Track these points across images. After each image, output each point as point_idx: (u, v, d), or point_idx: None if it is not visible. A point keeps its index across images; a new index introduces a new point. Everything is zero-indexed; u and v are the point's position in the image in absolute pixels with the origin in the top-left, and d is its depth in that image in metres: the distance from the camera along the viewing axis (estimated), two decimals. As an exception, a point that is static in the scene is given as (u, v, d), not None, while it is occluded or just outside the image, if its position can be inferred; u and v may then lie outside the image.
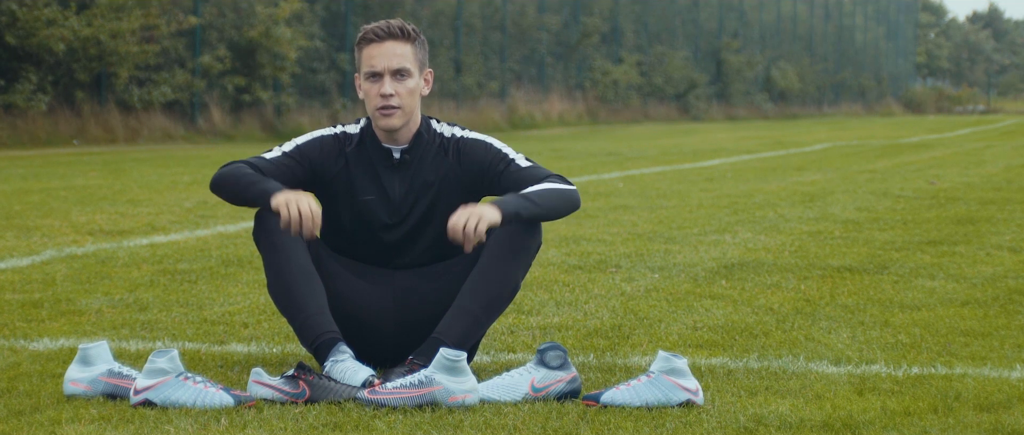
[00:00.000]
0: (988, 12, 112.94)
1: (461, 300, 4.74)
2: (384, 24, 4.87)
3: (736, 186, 14.29)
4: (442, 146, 4.96)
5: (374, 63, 4.85)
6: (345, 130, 4.98)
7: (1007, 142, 26.74)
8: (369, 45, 4.86)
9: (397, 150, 4.93)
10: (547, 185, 4.78)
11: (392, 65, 4.84)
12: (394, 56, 4.84)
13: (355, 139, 4.96)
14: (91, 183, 14.22)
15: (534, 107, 37.40)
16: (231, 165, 4.82)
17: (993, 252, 8.39)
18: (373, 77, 4.86)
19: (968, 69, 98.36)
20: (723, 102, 50.96)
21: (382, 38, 4.85)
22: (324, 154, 4.92)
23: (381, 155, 4.93)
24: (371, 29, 4.87)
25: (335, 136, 4.96)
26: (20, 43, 22.47)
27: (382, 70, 4.84)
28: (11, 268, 7.68)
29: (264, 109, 27.80)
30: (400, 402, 4.30)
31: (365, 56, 4.87)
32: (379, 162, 4.93)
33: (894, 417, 4.20)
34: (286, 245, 4.77)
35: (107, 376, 4.45)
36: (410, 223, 4.93)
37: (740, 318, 6.04)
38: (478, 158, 4.92)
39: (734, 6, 55.06)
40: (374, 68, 4.85)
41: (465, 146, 4.95)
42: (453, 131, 4.99)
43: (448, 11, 35.07)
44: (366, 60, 4.86)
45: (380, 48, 4.85)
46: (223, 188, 4.79)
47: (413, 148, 4.93)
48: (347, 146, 4.94)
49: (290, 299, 4.74)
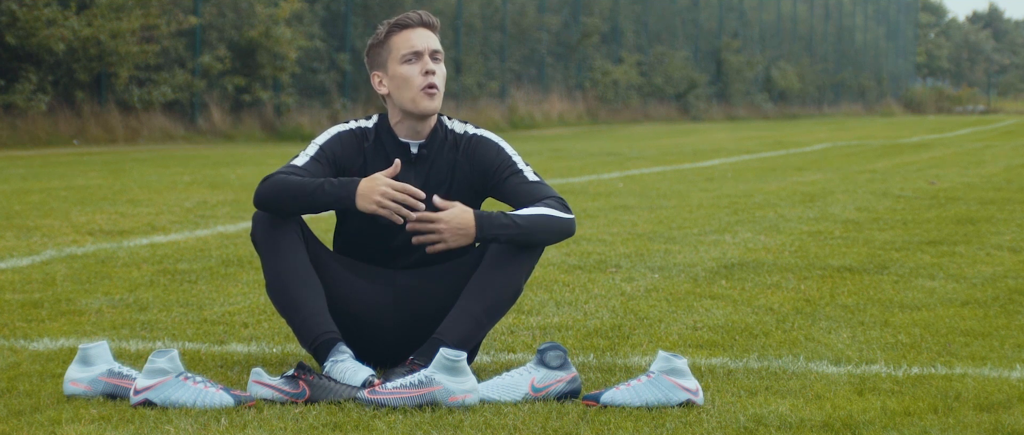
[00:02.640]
0: (988, 12, 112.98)
1: (463, 301, 4.73)
2: (416, 13, 4.94)
3: (736, 186, 14.29)
4: (454, 142, 4.95)
5: (414, 43, 4.87)
6: (360, 125, 4.96)
7: (1007, 142, 26.74)
8: (405, 29, 4.90)
9: (415, 145, 4.92)
10: (542, 210, 4.74)
11: (431, 45, 4.91)
12: (431, 39, 4.93)
13: (372, 134, 4.94)
14: (91, 183, 14.21)
15: (534, 107, 37.39)
16: (274, 178, 4.74)
17: (993, 252, 8.39)
18: (415, 57, 4.87)
19: (968, 69, 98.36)
20: (723, 102, 50.95)
21: (416, 24, 4.91)
22: (345, 150, 4.90)
23: (399, 150, 4.91)
24: (406, 16, 4.92)
25: (351, 131, 4.93)
26: (20, 43, 22.46)
27: (423, 49, 4.88)
28: (11, 268, 7.68)
29: (264, 109, 27.79)
30: (400, 402, 4.30)
31: (400, 41, 4.89)
32: (397, 157, 4.90)
33: (894, 417, 4.20)
34: (284, 246, 4.76)
35: (107, 376, 4.45)
36: None
37: (740, 318, 6.04)
38: (488, 158, 4.91)
39: (734, 6, 55.05)
40: (415, 47, 4.87)
41: (477, 144, 4.94)
42: (466, 128, 4.99)
43: (448, 11, 35.06)
44: (403, 43, 4.88)
45: (416, 32, 4.90)
46: (278, 200, 4.72)
47: (430, 143, 4.93)
48: (365, 142, 4.93)
49: (289, 300, 4.74)
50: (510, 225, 4.67)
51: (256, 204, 4.77)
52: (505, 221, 4.68)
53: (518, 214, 4.71)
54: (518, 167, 4.90)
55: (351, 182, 4.69)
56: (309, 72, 29.90)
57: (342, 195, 4.68)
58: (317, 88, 30.19)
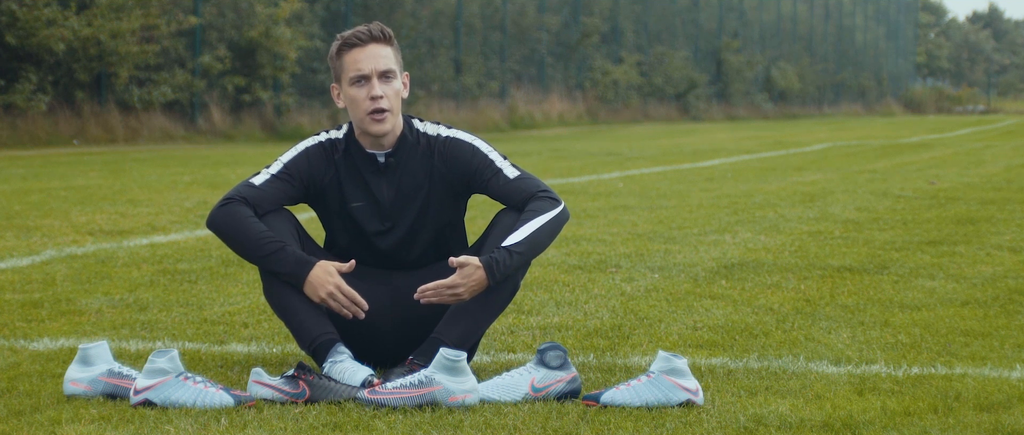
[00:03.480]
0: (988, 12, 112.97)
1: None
2: (364, 28, 4.80)
3: (736, 186, 14.29)
4: (428, 146, 4.90)
5: (361, 66, 4.77)
6: (330, 137, 4.90)
7: (1007, 142, 26.73)
8: (352, 50, 4.79)
9: (382, 155, 4.87)
10: (534, 223, 4.70)
11: (379, 66, 4.78)
12: (380, 58, 4.79)
13: (342, 145, 4.89)
14: (91, 183, 14.22)
15: (534, 107, 37.39)
16: (233, 211, 4.70)
17: (993, 252, 8.39)
18: (360, 81, 4.78)
19: (968, 69, 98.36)
20: (723, 102, 50.95)
21: (365, 42, 4.79)
22: (313, 166, 4.85)
23: (366, 161, 4.87)
24: (351, 34, 4.80)
25: (321, 145, 4.88)
26: (20, 43, 22.46)
27: (370, 72, 4.77)
28: (11, 268, 7.68)
29: (264, 109, 27.80)
30: (400, 402, 4.30)
31: (349, 61, 4.79)
32: (365, 168, 4.87)
33: (894, 417, 4.20)
34: (281, 248, 4.77)
35: (107, 376, 4.45)
36: (403, 228, 4.90)
37: (740, 318, 6.04)
38: (464, 160, 4.87)
39: (734, 6, 55.05)
40: (361, 71, 4.77)
41: (451, 146, 4.88)
42: (438, 130, 4.92)
43: (448, 11, 35.06)
44: (351, 65, 4.78)
45: (364, 51, 4.78)
46: (229, 240, 4.70)
47: (398, 151, 4.88)
48: (335, 154, 4.88)
49: (287, 302, 4.73)
50: (515, 257, 4.65)
51: (208, 227, 4.74)
52: (510, 259, 4.65)
53: (517, 242, 4.67)
54: (497, 166, 4.85)
55: (305, 264, 4.65)
56: (309, 72, 29.90)
57: (294, 272, 4.64)
58: (317, 88, 30.19)
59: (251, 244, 4.68)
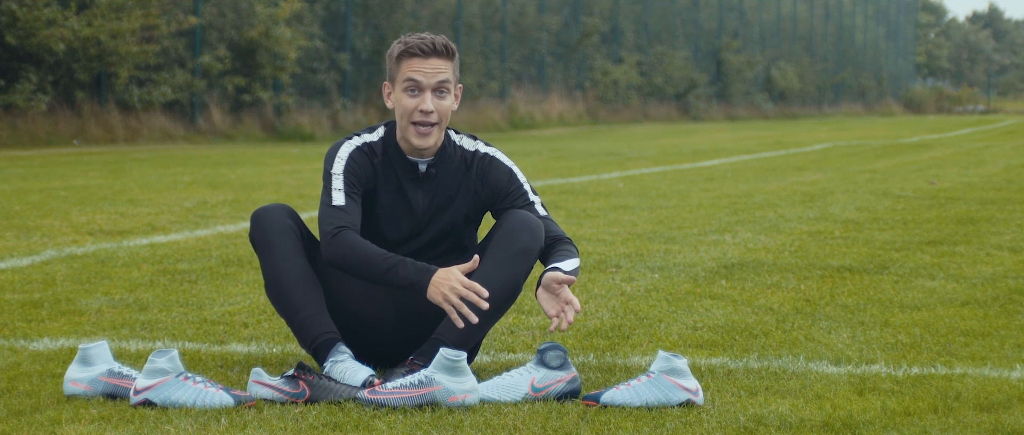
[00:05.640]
0: (988, 12, 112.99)
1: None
2: (429, 39, 4.79)
3: (736, 186, 14.29)
4: (464, 159, 4.93)
5: (417, 76, 4.76)
6: (365, 141, 4.89)
7: (1007, 142, 26.74)
8: (413, 59, 4.77)
9: (423, 163, 4.88)
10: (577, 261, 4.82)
11: (434, 81, 4.78)
12: (438, 72, 4.78)
13: (379, 149, 4.89)
14: (91, 183, 14.21)
15: (534, 107, 37.39)
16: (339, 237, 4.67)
17: (993, 252, 8.39)
18: (413, 90, 4.77)
19: (968, 69, 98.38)
20: (723, 102, 50.95)
21: (427, 54, 4.78)
22: (363, 169, 4.85)
23: (406, 167, 4.88)
24: (416, 43, 4.78)
25: (360, 149, 4.87)
26: (20, 43, 22.45)
27: (425, 85, 4.77)
28: (11, 268, 7.68)
29: (264, 109, 27.79)
30: (400, 402, 4.30)
31: (407, 68, 4.78)
32: (404, 175, 4.88)
33: (894, 417, 4.20)
34: (283, 246, 4.76)
35: (107, 376, 4.45)
36: (427, 236, 4.91)
37: (740, 318, 6.04)
38: (500, 182, 4.91)
39: (734, 6, 55.05)
40: (417, 82, 4.76)
41: (489, 165, 4.92)
42: (476, 146, 4.96)
43: (448, 11, 35.05)
44: (407, 71, 4.77)
45: (425, 63, 4.77)
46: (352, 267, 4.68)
47: (439, 161, 4.89)
48: (374, 158, 4.88)
49: (288, 300, 4.74)
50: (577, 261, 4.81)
51: (328, 263, 4.72)
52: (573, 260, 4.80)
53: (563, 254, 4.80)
54: (529, 198, 4.92)
55: (427, 271, 4.63)
56: (309, 72, 29.90)
57: (416, 280, 4.63)
58: (317, 88, 30.19)
59: (373, 264, 4.65)
